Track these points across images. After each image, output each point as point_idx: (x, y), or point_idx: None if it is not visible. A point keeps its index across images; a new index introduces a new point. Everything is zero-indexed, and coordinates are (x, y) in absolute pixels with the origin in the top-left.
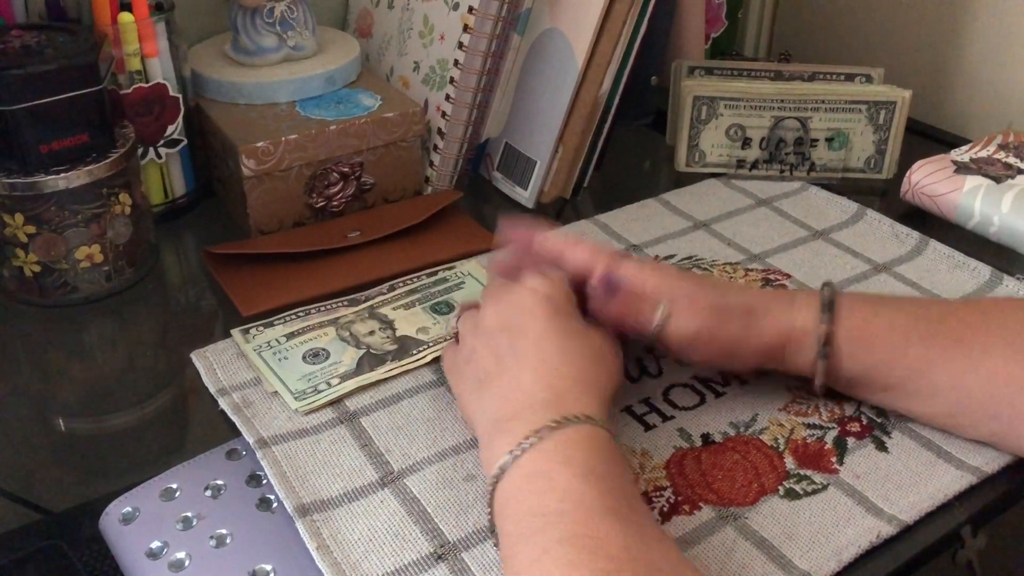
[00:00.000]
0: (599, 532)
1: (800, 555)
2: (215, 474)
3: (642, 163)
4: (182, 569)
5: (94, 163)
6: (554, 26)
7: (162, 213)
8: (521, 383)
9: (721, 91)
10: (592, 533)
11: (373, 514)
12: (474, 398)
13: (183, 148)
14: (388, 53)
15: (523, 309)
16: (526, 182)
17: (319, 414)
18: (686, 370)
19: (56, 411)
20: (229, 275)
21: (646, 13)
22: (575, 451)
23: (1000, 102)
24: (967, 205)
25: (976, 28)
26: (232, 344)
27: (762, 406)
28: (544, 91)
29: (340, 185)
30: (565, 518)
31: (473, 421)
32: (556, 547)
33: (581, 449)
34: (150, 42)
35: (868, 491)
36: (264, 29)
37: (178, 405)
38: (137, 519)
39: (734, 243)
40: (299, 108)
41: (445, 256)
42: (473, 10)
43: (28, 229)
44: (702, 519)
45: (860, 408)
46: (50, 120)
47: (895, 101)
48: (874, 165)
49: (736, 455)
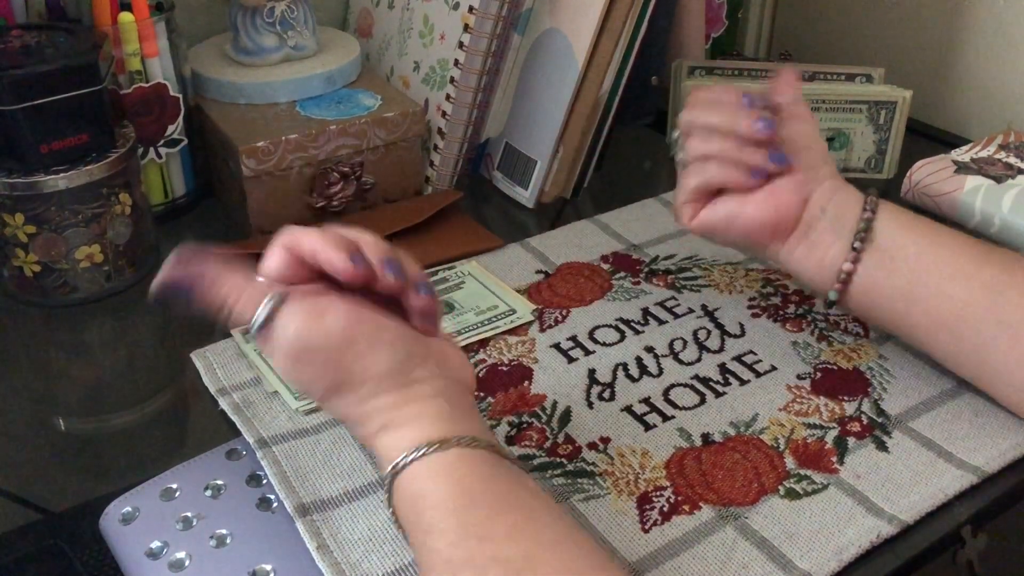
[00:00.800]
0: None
1: (800, 555)
2: (215, 474)
3: (642, 163)
4: (182, 569)
5: (94, 163)
6: (554, 26)
7: (162, 213)
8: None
9: None
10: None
11: (373, 514)
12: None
13: (183, 148)
14: (388, 53)
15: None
16: (526, 182)
17: (319, 414)
18: (686, 370)
19: (56, 411)
20: None
21: (646, 13)
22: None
23: (1000, 102)
24: (968, 205)
25: (976, 28)
26: (232, 344)
27: (762, 406)
28: (544, 91)
29: (340, 185)
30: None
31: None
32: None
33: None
34: (150, 42)
35: (868, 491)
36: (264, 29)
37: (178, 405)
38: (137, 519)
39: None
40: (299, 108)
41: (445, 256)
42: (473, 10)
43: (28, 229)
44: (702, 519)
45: (860, 408)
46: (50, 120)
47: (895, 101)
48: (875, 165)
49: (736, 455)
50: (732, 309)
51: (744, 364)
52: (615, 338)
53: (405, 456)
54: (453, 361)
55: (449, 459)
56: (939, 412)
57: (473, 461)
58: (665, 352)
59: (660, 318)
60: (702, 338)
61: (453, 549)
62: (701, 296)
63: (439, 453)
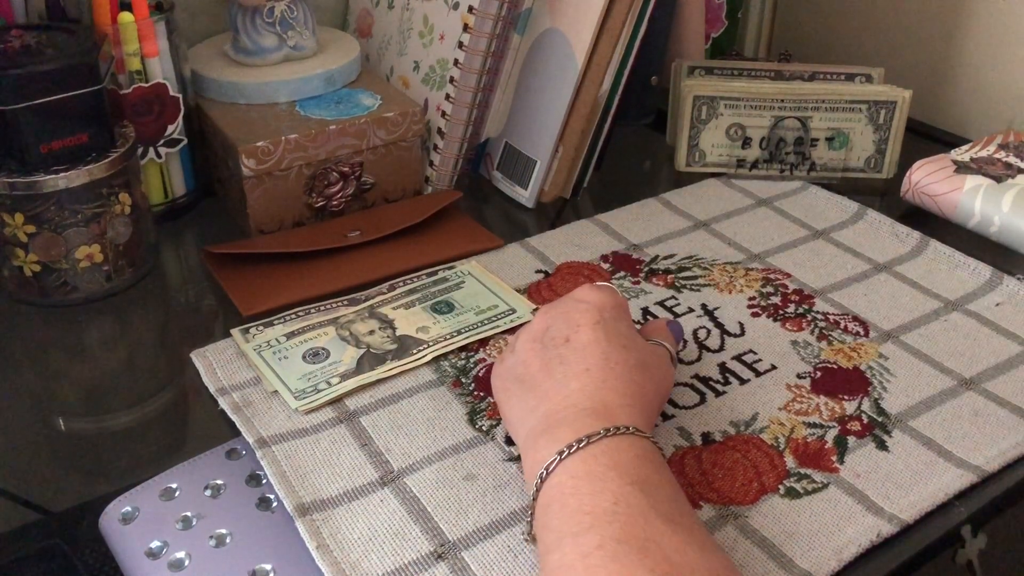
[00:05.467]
0: (657, 535)
1: (800, 554)
2: (215, 474)
3: (642, 163)
4: (182, 569)
5: (94, 163)
6: (554, 26)
7: (162, 213)
8: (567, 391)
9: (721, 91)
10: (650, 536)
11: (373, 513)
12: (516, 403)
13: (183, 148)
14: (388, 53)
15: (570, 319)
16: (526, 182)
17: (319, 413)
18: (686, 369)
19: (56, 411)
20: (229, 275)
21: (646, 13)
22: (623, 458)
23: (1000, 102)
24: (967, 205)
25: (976, 28)
26: (232, 344)
27: (762, 405)
28: (544, 91)
29: (340, 185)
30: (619, 518)
31: (515, 426)
32: (612, 544)
33: (629, 457)
34: (150, 42)
35: (868, 490)
36: (264, 29)
37: (178, 405)
38: (137, 519)
39: (734, 243)
40: (299, 108)
41: (445, 256)
42: (473, 10)
43: (28, 229)
44: (703, 518)
45: (860, 407)
46: (50, 120)
47: (895, 101)
48: (874, 165)
49: (736, 454)
50: (732, 308)
51: (744, 363)
52: None
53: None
54: None
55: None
56: (939, 411)
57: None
58: None
59: (660, 318)
60: (702, 337)
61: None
62: (701, 295)
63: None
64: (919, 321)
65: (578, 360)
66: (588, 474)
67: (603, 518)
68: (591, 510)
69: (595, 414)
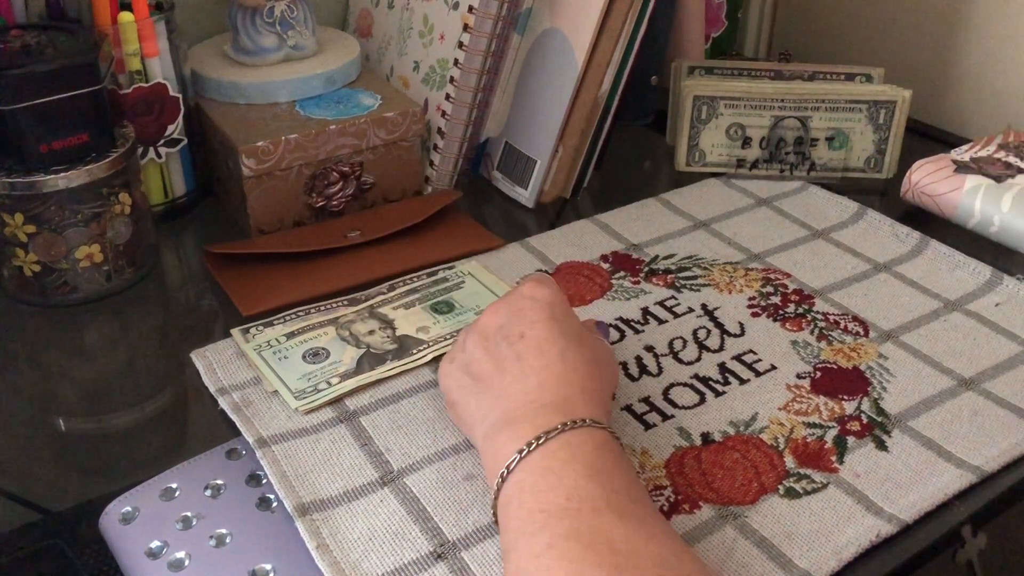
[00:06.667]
0: (604, 527)
1: (800, 554)
2: (215, 474)
3: (642, 163)
4: (182, 569)
5: (94, 163)
6: (554, 26)
7: (162, 213)
8: (525, 387)
9: (721, 91)
10: (599, 529)
11: (373, 513)
12: (471, 401)
13: (183, 148)
14: (388, 53)
15: (524, 316)
16: (526, 182)
17: (319, 413)
18: (686, 369)
19: (56, 411)
20: (229, 275)
21: (646, 13)
22: (581, 451)
23: (1000, 102)
24: (967, 204)
25: (976, 28)
26: (232, 344)
27: (762, 405)
28: (544, 91)
29: (340, 185)
30: (570, 514)
31: (471, 424)
32: (562, 542)
33: (587, 449)
34: (150, 42)
35: (868, 490)
36: (264, 29)
37: (178, 405)
38: (137, 519)
39: (734, 242)
40: (299, 108)
41: (445, 256)
42: (473, 9)
43: (28, 229)
44: (702, 518)
45: (860, 407)
46: (50, 119)
47: (895, 101)
48: (874, 165)
49: (736, 454)
50: (732, 308)
51: (744, 363)
52: (615, 337)
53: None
54: None
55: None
56: (939, 411)
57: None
58: (665, 351)
59: (660, 317)
60: (702, 337)
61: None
62: (701, 295)
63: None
64: (919, 321)
65: (535, 356)
66: (546, 470)
67: (555, 515)
68: (545, 507)
69: (555, 408)
